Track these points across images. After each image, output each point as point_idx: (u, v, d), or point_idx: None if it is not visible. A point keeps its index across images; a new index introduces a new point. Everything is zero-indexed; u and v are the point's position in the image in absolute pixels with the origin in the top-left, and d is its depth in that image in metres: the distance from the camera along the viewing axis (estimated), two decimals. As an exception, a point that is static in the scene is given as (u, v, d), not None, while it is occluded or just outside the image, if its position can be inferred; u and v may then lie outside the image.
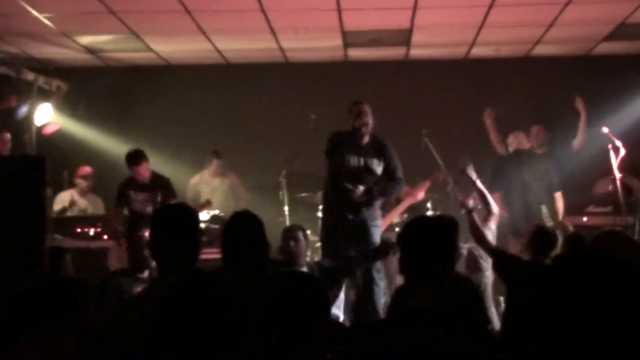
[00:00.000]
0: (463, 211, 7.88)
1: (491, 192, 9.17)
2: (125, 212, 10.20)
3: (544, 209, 10.06)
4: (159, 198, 9.96)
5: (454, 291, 4.55)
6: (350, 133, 8.84)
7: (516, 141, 10.78)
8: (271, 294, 3.50)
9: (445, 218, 6.92)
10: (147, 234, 8.95)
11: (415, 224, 4.42)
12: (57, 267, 7.22)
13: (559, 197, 10.25)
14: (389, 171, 8.93)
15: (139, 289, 6.37)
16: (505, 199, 10.25)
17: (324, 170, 10.86)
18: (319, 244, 9.91)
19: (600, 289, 2.20)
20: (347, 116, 8.93)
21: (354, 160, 8.77)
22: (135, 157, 10.06)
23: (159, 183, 10.15)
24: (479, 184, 8.46)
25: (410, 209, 10.84)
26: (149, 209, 9.75)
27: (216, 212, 10.90)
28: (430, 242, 4.16)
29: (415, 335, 2.80)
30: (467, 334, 3.85)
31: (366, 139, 8.87)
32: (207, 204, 10.62)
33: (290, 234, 7.78)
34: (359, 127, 8.76)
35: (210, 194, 11.66)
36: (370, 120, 8.85)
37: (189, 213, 4.69)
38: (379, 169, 8.86)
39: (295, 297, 3.41)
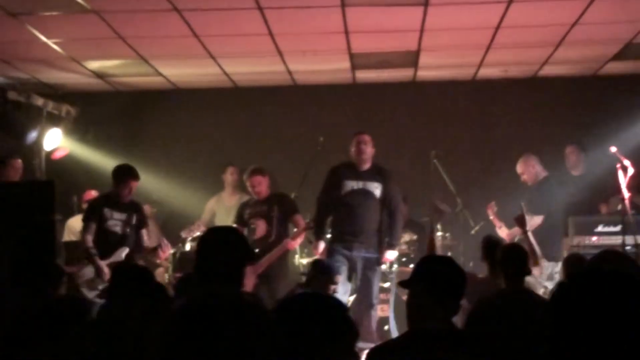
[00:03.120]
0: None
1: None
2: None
3: None
4: (134, 221, 9.60)
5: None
6: (349, 163, 9.61)
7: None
8: (293, 317, 3.50)
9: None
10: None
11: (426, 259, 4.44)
12: None
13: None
14: (386, 200, 9.50)
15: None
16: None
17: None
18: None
19: (617, 308, 2.21)
20: (350, 146, 9.61)
21: (353, 185, 9.45)
22: (135, 172, 9.59)
23: (136, 206, 9.78)
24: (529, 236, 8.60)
25: (414, 227, 10.93)
26: (123, 231, 9.47)
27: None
28: (443, 279, 4.16)
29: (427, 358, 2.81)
30: (479, 357, 3.85)
31: (366, 165, 9.51)
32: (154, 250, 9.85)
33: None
34: (358, 156, 9.50)
35: (226, 214, 11.61)
36: (369, 148, 9.51)
37: (236, 235, 4.77)
38: (377, 191, 9.44)
39: (320, 322, 3.40)
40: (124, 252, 9.35)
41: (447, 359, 3.78)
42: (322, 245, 9.54)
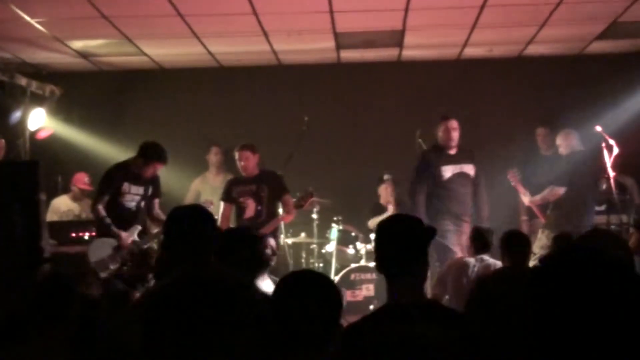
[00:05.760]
0: None
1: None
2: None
3: None
4: (149, 193, 9.51)
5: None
6: (437, 147, 10.02)
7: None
8: (284, 295, 3.51)
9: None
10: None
11: (390, 222, 4.42)
12: None
13: None
14: (476, 179, 10.06)
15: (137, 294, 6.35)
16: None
17: (319, 172, 10.95)
18: (313, 246, 10.42)
19: (595, 286, 2.21)
20: (436, 130, 10.05)
21: (453, 169, 9.86)
22: (165, 157, 9.47)
23: (154, 178, 9.61)
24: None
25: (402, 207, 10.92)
26: (137, 207, 9.39)
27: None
28: (405, 239, 4.18)
29: (398, 332, 2.81)
30: (450, 329, 3.87)
31: (456, 149, 9.96)
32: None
33: None
34: (447, 141, 9.94)
35: (211, 194, 11.58)
36: (457, 133, 9.96)
37: (205, 214, 4.72)
38: (471, 172, 9.95)
39: (311, 298, 3.42)
40: (136, 231, 9.24)
41: (419, 331, 3.79)
42: None
